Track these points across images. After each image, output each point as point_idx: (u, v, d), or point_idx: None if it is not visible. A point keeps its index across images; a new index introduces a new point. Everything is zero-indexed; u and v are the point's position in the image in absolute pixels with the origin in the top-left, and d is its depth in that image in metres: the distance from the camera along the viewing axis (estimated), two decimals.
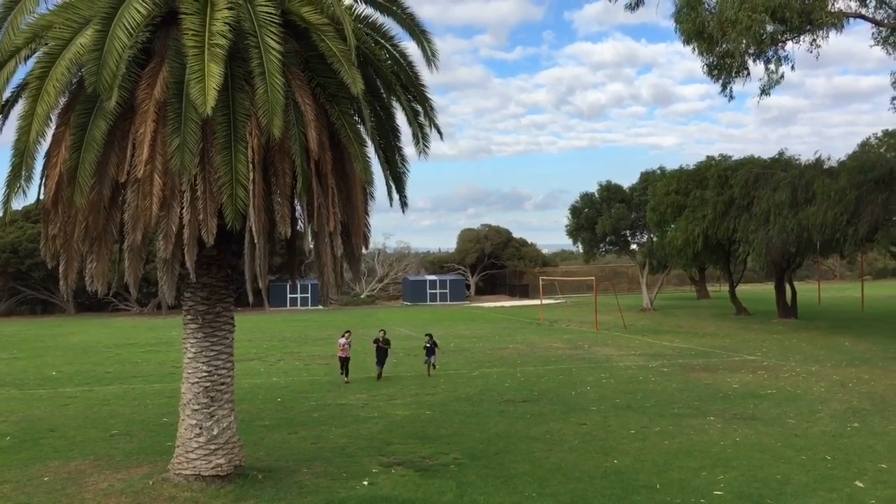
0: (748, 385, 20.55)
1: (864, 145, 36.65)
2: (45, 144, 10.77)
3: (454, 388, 20.60)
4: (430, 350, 23.79)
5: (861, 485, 11.75)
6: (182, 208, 10.55)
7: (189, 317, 12.15)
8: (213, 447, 11.84)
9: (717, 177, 38.09)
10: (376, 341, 23.44)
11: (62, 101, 10.83)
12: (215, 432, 11.93)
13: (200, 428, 11.88)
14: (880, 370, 22.69)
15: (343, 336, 23.30)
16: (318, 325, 43.78)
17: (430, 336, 24.42)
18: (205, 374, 11.99)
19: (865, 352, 27.00)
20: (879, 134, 37.38)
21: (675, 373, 22.97)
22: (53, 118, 10.73)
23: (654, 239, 45.31)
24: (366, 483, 12.16)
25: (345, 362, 22.84)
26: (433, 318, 46.48)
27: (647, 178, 48.71)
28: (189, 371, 12.07)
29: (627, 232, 50.89)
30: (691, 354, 27.38)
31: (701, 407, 17.76)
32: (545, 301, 51.34)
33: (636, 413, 17.23)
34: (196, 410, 11.94)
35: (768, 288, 51.31)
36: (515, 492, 11.66)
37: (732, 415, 16.83)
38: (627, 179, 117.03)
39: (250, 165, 10.44)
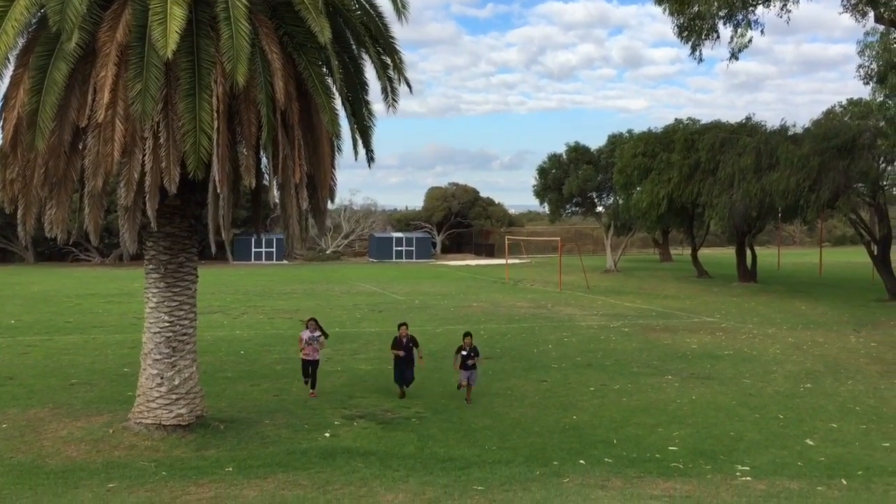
0: (706, 346, 20.93)
1: (829, 113, 37.02)
2: (1, 86, 10.53)
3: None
4: (468, 358, 14.54)
5: (811, 442, 12.09)
6: (144, 155, 10.39)
7: (151, 266, 12.03)
8: (174, 397, 11.82)
9: (684, 140, 38.30)
10: (399, 345, 14.95)
11: (21, 42, 10.54)
12: (177, 382, 11.90)
13: (162, 378, 11.84)
14: (834, 333, 23.23)
15: (307, 327, 15.29)
16: (283, 279, 43.63)
17: (470, 337, 14.83)
18: (167, 324, 11.91)
19: (821, 316, 27.59)
20: (844, 102, 37.77)
21: (635, 333, 23.31)
22: (11, 59, 10.46)
23: (620, 201, 45.59)
24: (328, 435, 12.25)
25: (310, 367, 14.98)
26: (399, 276, 46.54)
27: (615, 141, 48.83)
28: (151, 321, 11.99)
29: (594, 194, 51.10)
30: (652, 315, 27.78)
31: (659, 366, 18.07)
32: (510, 261, 51.59)
33: (596, 371, 17.49)
34: (157, 360, 11.89)
35: (729, 252, 52.07)
36: (475, 445, 11.83)
37: (690, 374, 17.15)
38: (595, 142, 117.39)
39: (214, 114, 10.28)
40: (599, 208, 52.77)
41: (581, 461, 10.97)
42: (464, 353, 14.57)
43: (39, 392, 14.77)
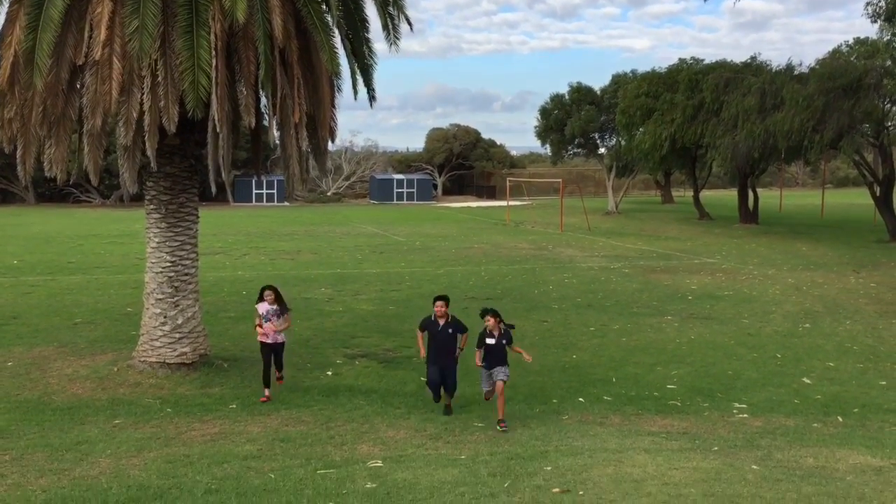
0: (706, 287, 21.01)
1: (835, 53, 36.47)
2: None
3: (419, 286, 20.82)
4: (499, 341, 9.80)
5: (808, 381, 12.22)
6: (142, 94, 10.31)
7: (152, 206, 12.03)
8: (177, 336, 11.92)
9: (688, 80, 37.85)
10: (432, 328, 10.25)
11: None
12: (180, 321, 11.99)
13: (165, 317, 11.93)
14: (834, 274, 23.30)
15: (263, 297, 10.92)
16: (284, 221, 43.65)
17: (493, 317, 9.88)
18: (168, 263, 11.96)
19: (821, 257, 27.64)
20: (851, 42, 37.16)
21: (636, 274, 23.39)
22: None
23: (622, 142, 45.26)
24: (330, 373, 12.39)
25: (272, 354, 10.93)
26: (400, 217, 46.54)
27: (619, 81, 48.24)
28: (153, 261, 12.03)
29: (596, 135, 50.69)
30: (653, 257, 27.84)
31: (659, 307, 18.18)
32: (512, 202, 51.48)
33: (596, 312, 17.60)
34: (160, 300, 11.96)
35: (731, 194, 51.91)
36: (476, 384, 11.94)
37: (689, 314, 17.26)
38: (598, 82, 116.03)
39: (213, 51, 10.16)
40: (602, 150, 52.43)
41: (580, 399, 11.12)
42: (490, 340, 9.65)
43: (44, 331, 14.90)
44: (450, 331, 10.16)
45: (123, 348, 13.14)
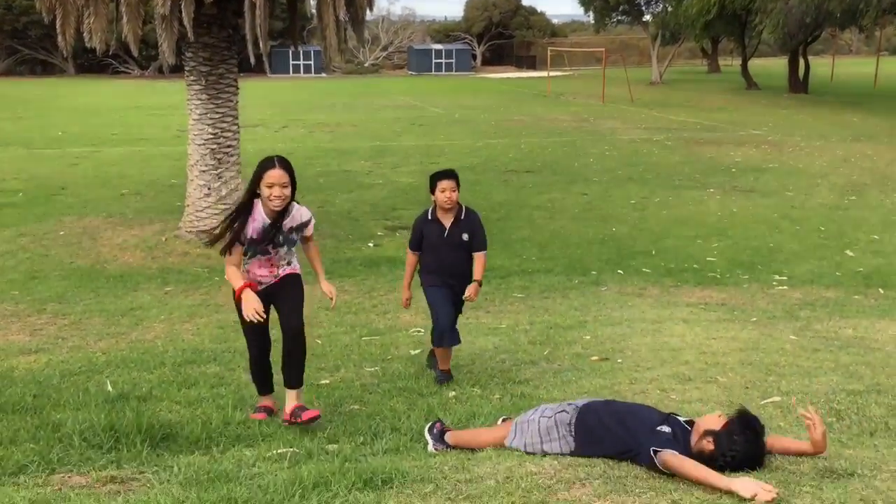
0: (751, 159, 20.65)
1: None
2: None
3: (458, 158, 20.74)
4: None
5: (851, 254, 12.14)
6: None
7: (192, 78, 12.00)
8: (222, 207, 12.11)
9: None
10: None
11: None
12: (223, 193, 12.17)
13: (209, 189, 12.11)
14: (885, 146, 22.70)
15: (256, 190, 5.01)
16: (322, 93, 43.30)
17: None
18: (210, 136, 12.04)
19: (872, 128, 26.87)
20: None
21: (678, 146, 23.01)
22: None
23: (669, 8, 43.61)
24: (371, 245, 12.59)
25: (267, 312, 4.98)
26: (438, 89, 45.89)
27: None
28: (195, 133, 12.11)
29: (641, 1, 48.88)
30: (697, 128, 27.29)
31: (701, 179, 17.96)
32: (552, 73, 50.32)
33: (637, 184, 17.46)
34: (204, 171, 12.11)
35: (781, 62, 50.07)
36: (516, 255, 12.09)
37: (732, 187, 17.06)
38: None
39: None
40: (647, 17, 50.62)
41: (619, 271, 11.20)
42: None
43: (92, 202, 15.23)
44: (464, 236, 6.20)
45: (170, 219, 13.42)
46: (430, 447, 4.47)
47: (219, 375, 6.31)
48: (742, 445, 3.55)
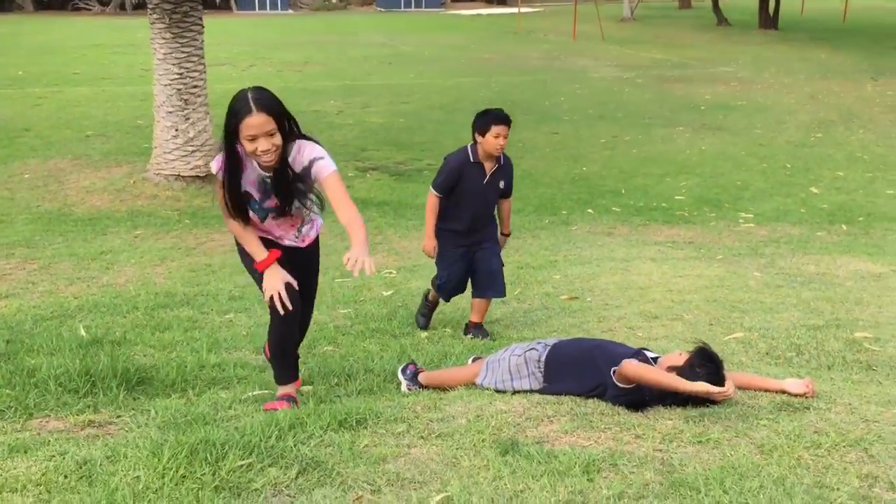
0: (720, 96, 20.72)
1: None
2: None
3: (428, 98, 20.59)
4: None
5: (816, 191, 12.34)
6: None
7: (155, 16, 11.72)
8: (190, 149, 11.98)
9: None
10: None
11: None
12: (191, 135, 12.02)
13: (177, 130, 11.94)
14: (851, 82, 22.86)
15: (237, 132, 3.92)
16: (289, 30, 42.48)
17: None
18: (176, 76, 11.82)
19: (840, 64, 26.99)
20: None
21: (649, 84, 22.99)
22: None
23: None
24: None
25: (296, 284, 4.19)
26: (408, 26, 45.21)
27: None
28: (160, 73, 11.88)
29: None
30: (667, 66, 27.24)
31: (671, 117, 18.03)
32: (523, 9, 49.70)
33: (607, 123, 17.49)
34: (170, 113, 11.92)
35: None
36: None
37: (701, 125, 17.16)
38: None
39: None
40: None
41: (589, 210, 11.30)
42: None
43: (56, 143, 14.97)
44: (501, 184, 5.80)
45: (137, 161, 13.25)
46: (404, 387, 4.58)
47: (192, 319, 6.34)
48: (705, 377, 3.68)
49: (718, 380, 3.73)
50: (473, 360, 4.71)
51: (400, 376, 4.68)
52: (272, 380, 4.39)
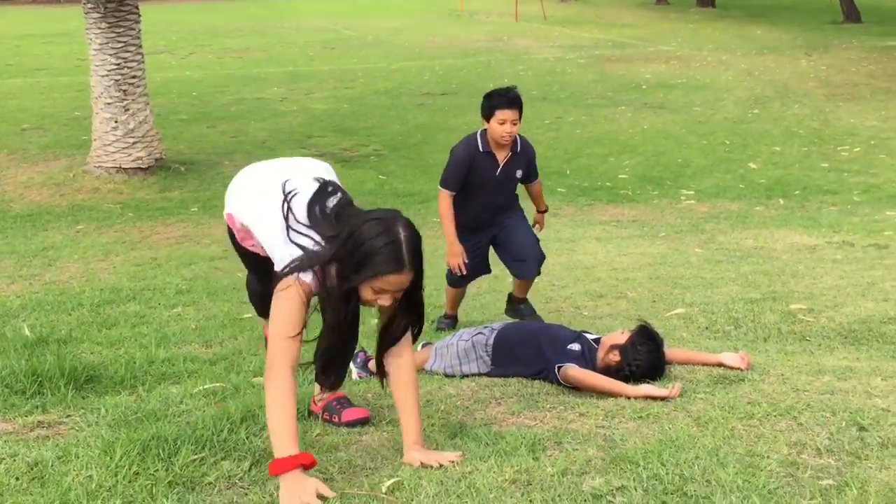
0: (660, 75, 21.02)
1: None
2: None
3: (373, 83, 20.52)
4: None
5: (754, 166, 12.66)
6: None
7: (90, 5, 11.49)
8: (131, 140, 11.81)
9: None
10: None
11: None
12: (132, 126, 11.84)
13: (116, 121, 11.75)
14: (787, 58, 23.36)
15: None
16: (228, 16, 41.84)
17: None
18: (114, 66, 11.61)
19: (776, 41, 27.55)
20: None
21: (591, 64, 23.21)
22: None
23: None
24: None
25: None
26: (349, 10, 44.86)
27: None
28: (97, 63, 11.66)
29: None
30: (608, 46, 27.52)
31: (614, 97, 18.26)
32: None
33: (551, 104, 17.64)
34: (109, 104, 11.73)
35: None
36: (434, 180, 12.06)
37: (643, 104, 17.41)
38: None
39: None
40: None
41: None
42: None
43: None
44: (518, 173, 5.29)
45: (76, 154, 13.00)
46: (354, 375, 4.63)
47: (139, 314, 6.30)
48: (645, 355, 3.82)
49: (658, 358, 3.86)
50: (423, 347, 4.79)
51: (350, 364, 4.73)
52: (222, 372, 4.39)
